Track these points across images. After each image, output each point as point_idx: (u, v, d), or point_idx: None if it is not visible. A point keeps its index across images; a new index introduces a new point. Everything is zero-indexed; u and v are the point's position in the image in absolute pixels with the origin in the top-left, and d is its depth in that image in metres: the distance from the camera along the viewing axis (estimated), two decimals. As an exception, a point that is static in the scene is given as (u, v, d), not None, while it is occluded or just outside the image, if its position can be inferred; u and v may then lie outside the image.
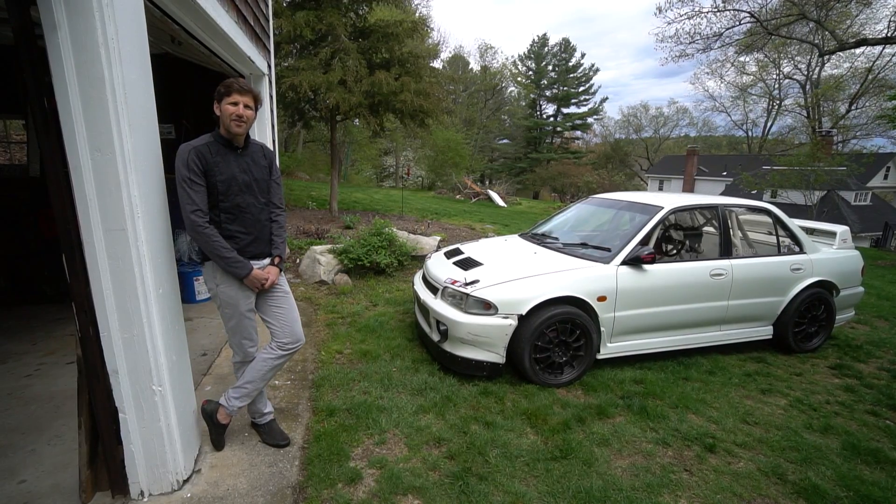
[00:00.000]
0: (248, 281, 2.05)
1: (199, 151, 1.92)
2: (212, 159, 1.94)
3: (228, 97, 1.93)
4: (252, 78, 4.05)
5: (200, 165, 1.91)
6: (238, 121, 1.95)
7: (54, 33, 1.47)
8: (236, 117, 1.94)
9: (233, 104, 1.93)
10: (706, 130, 43.40)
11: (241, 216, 2.05)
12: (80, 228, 1.64)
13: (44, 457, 2.14)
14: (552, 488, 2.14)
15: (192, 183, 1.89)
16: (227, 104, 1.93)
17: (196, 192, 1.90)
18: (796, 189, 15.48)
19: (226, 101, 1.93)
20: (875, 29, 20.46)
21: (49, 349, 3.25)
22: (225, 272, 2.02)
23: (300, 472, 2.18)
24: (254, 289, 2.10)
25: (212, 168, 1.94)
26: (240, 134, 2.00)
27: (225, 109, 1.94)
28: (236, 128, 1.96)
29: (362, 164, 28.76)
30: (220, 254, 1.96)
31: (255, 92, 2.02)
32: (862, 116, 27.11)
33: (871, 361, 3.87)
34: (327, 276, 5.29)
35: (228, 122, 1.94)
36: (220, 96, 1.95)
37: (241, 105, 1.94)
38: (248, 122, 1.99)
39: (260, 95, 2.06)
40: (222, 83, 1.96)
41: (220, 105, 1.96)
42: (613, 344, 3.33)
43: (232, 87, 1.93)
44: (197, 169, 1.90)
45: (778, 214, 3.93)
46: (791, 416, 2.90)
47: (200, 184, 1.91)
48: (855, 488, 2.23)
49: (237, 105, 1.94)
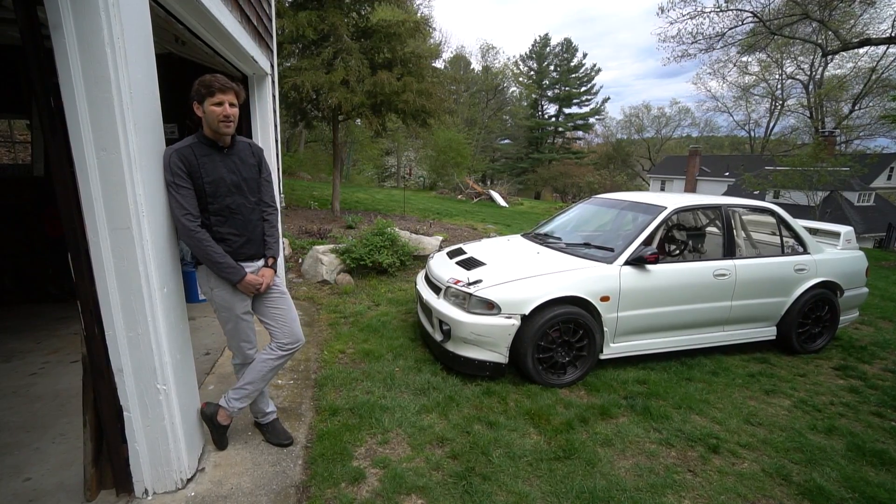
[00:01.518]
0: (242, 287, 2.03)
1: (182, 154, 1.86)
2: (197, 161, 1.88)
3: (212, 97, 1.85)
4: (255, 78, 4.06)
5: (184, 168, 1.85)
6: (226, 121, 1.89)
7: (61, 33, 1.48)
8: (224, 118, 1.87)
9: (217, 104, 1.86)
10: (708, 131, 43.30)
11: (232, 218, 2.00)
12: (85, 228, 1.64)
13: (48, 455, 2.14)
14: (556, 488, 2.14)
15: (177, 187, 1.84)
16: (210, 105, 1.86)
17: (183, 195, 1.85)
18: (799, 189, 15.43)
19: (209, 101, 1.86)
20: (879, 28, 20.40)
21: (53, 348, 3.26)
22: (218, 276, 2.01)
23: (303, 471, 2.19)
24: (248, 294, 2.09)
25: (197, 170, 1.88)
26: (228, 134, 1.95)
27: (210, 111, 1.86)
28: (225, 129, 1.90)
29: (364, 164, 28.78)
30: (212, 259, 1.93)
31: (237, 88, 1.92)
32: (865, 117, 27.03)
33: (875, 363, 3.86)
34: (329, 275, 5.30)
35: (216, 123, 1.88)
36: (200, 97, 1.87)
37: (227, 104, 1.88)
38: (235, 120, 1.93)
39: (241, 90, 1.96)
40: (199, 83, 1.86)
41: (201, 106, 1.88)
42: (616, 344, 3.33)
43: (213, 87, 1.84)
44: (180, 172, 1.84)
45: (782, 215, 3.92)
46: (795, 417, 2.89)
47: (187, 187, 1.86)
48: (860, 490, 2.22)
49: (222, 105, 1.87)
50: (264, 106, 4.20)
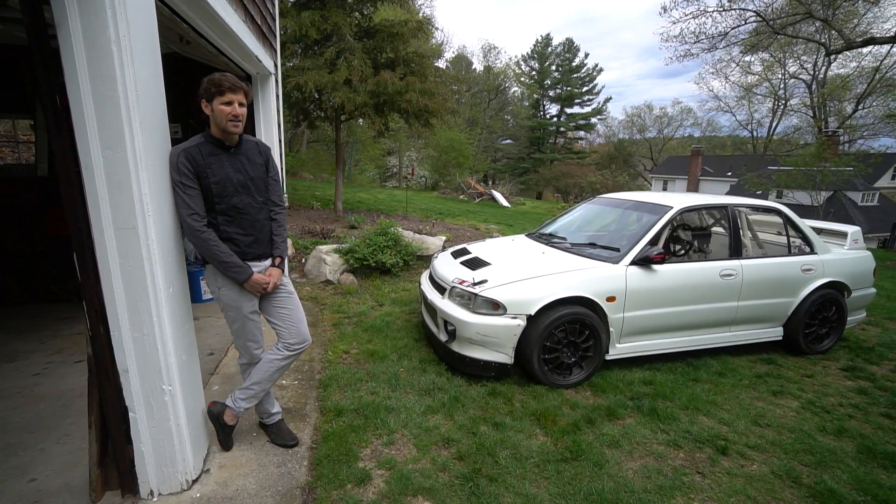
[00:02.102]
0: (249, 286, 2.02)
1: (189, 153, 1.85)
2: (203, 161, 1.88)
3: (221, 97, 1.84)
4: (259, 77, 4.05)
5: (191, 168, 1.85)
6: (235, 121, 1.88)
7: (67, 32, 1.47)
8: (233, 118, 1.87)
9: (227, 104, 1.85)
10: (710, 131, 43.18)
11: (239, 217, 1.99)
12: (91, 227, 1.63)
13: (53, 455, 2.13)
14: (563, 490, 2.12)
15: (184, 187, 1.84)
16: (220, 104, 1.85)
17: (190, 195, 1.85)
18: (802, 189, 15.37)
19: (218, 100, 1.85)
20: (883, 28, 20.36)
21: (57, 348, 3.26)
22: (225, 276, 2.00)
23: (309, 472, 2.17)
24: (255, 293, 2.07)
25: (204, 170, 1.87)
26: (236, 134, 1.94)
27: (219, 110, 1.85)
28: (233, 128, 1.89)
29: (366, 164, 28.79)
30: (218, 258, 1.93)
31: (246, 88, 1.91)
32: (869, 116, 26.91)
33: (883, 364, 3.82)
34: (333, 275, 5.29)
35: (225, 122, 1.87)
36: (209, 95, 1.85)
37: (236, 104, 1.86)
38: (243, 120, 1.92)
39: (249, 90, 1.95)
40: (209, 81, 1.85)
41: (210, 104, 1.87)
42: (622, 345, 3.31)
43: (223, 86, 1.83)
44: (188, 172, 1.84)
45: (788, 214, 3.89)
46: (804, 419, 2.87)
47: (194, 187, 1.86)
48: (872, 492, 2.19)
49: (231, 105, 1.85)
50: (268, 105, 4.19)
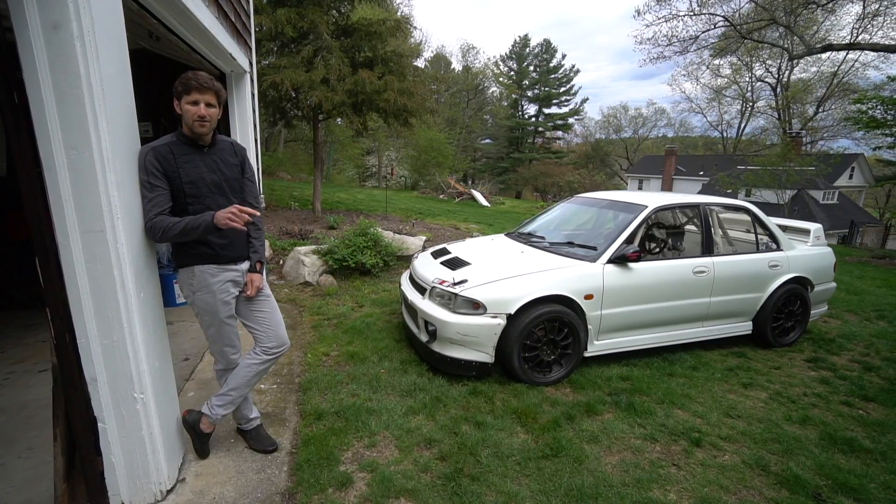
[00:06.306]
0: (218, 221, 1.77)
1: (158, 152, 1.81)
2: (175, 160, 1.83)
3: (188, 95, 1.80)
4: (234, 75, 3.95)
5: (160, 167, 1.80)
6: (201, 121, 1.83)
7: (24, 25, 1.40)
8: (199, 118, 1.82)
9: (193, 103, 1.81)
10: (683, 131, 44.55)
11: None
12: (54, 230, 1.56)
13: (15, 471, 2.03)
14: (544, 487, 2.15)
15: (151, 186, 1.78)
16: (186, 103, 1.81)
17: (156, 194, 1.79)
18: (769, 188, 16.02)
19: (185, 99, 1.81)
20: (839, 35, 21.47)
21: (19, 357, 3.10)
22: (201, 273, 1.94)
23: (289, 477, 2.13)
24: (224, 226, 1.78)
25: (176, 170, 1.82)
26: (204, 134, 1.89)
27: (186, 109, 1.82)
28: (200, 128, 1.85)
29: (345, 163, 28.45)
30: (181, 230, 1.78)
31: (216, 87, 1.86)
32: (828, 119, 28.33)
33: (843, 354, 4.02)
34: (312, 277, 5.21)
35: (191, 122, 1.84)
36: (178, 94, 1.83)
37: (203, 104, 1.82)
38: (211, 121, 1.88)
39: (222, 90, 1.91)
40: (179, 79, 1.82)
41: (179, 103, 1.84)
42: (600, 341, 3.37)
43: (190, 85, 1.79)
44: (155, 171, 1.78)
45: (756, 213, 4.05)
46: (771, 409, 2.99)
47: (161, 187, 1.80)
48: (833, 476, 2.30)
49: (198, 105, 1.82)
50: (243, 104, 4.09)
